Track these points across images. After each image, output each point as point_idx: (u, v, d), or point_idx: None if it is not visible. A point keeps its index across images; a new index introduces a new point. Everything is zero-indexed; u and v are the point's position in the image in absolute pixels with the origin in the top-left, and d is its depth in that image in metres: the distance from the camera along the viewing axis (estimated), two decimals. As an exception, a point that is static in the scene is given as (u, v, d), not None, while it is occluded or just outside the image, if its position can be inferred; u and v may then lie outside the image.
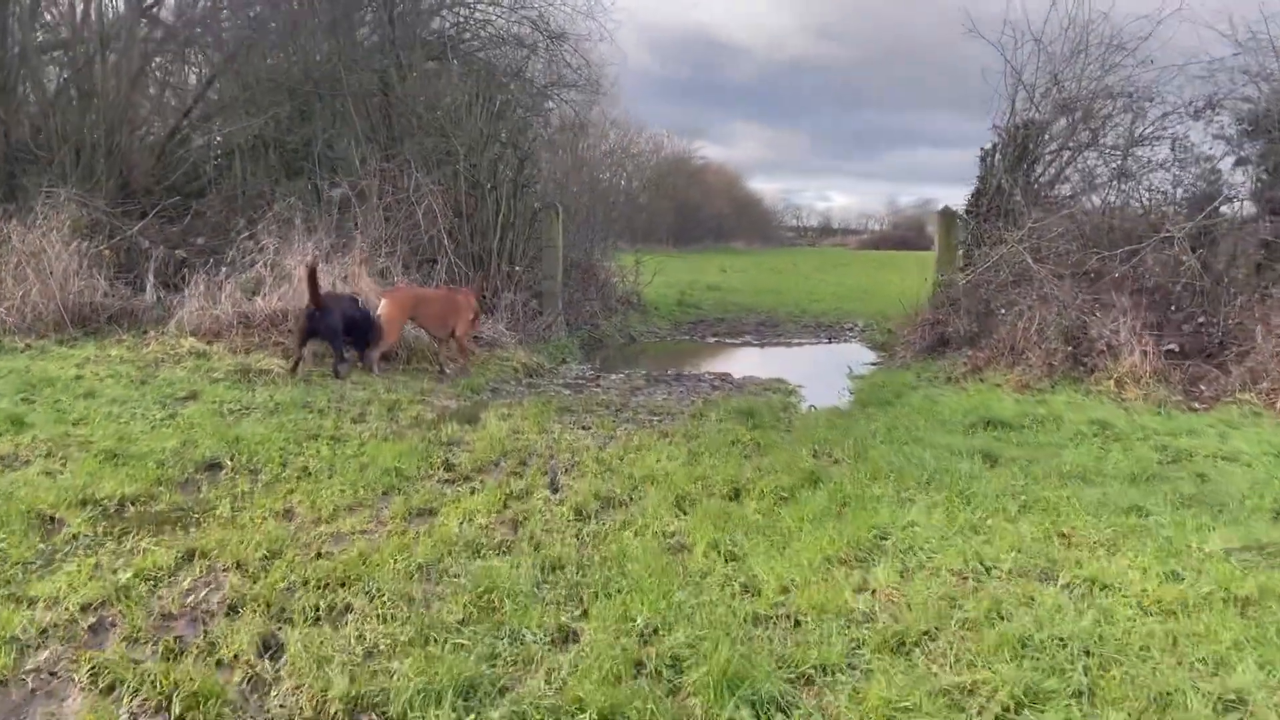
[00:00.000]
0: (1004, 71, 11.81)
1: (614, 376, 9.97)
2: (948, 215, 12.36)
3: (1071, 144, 11.60)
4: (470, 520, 4.60)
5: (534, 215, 12.59)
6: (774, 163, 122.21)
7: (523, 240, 12.27)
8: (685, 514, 4.76)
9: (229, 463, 5.44)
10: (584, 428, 7.04)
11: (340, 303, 8.51)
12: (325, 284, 9.39)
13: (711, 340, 14.68)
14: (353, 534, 4.42)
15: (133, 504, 4.72)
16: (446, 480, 5.39)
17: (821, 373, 10.94)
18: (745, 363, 11.77)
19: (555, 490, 5.30)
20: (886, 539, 4.37)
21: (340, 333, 8.36)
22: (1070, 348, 8.89)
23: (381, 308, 8.68)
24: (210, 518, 4.56)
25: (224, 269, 9.53)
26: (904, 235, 69.61)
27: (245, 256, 9.91)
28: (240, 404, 6.97)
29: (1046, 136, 11.76)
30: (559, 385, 9.32)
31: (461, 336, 9.26)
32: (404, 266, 10.72)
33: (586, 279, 14.59)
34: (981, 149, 11.95)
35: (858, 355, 13.08)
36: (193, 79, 12.73)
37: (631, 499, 5.05)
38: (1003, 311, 9.57)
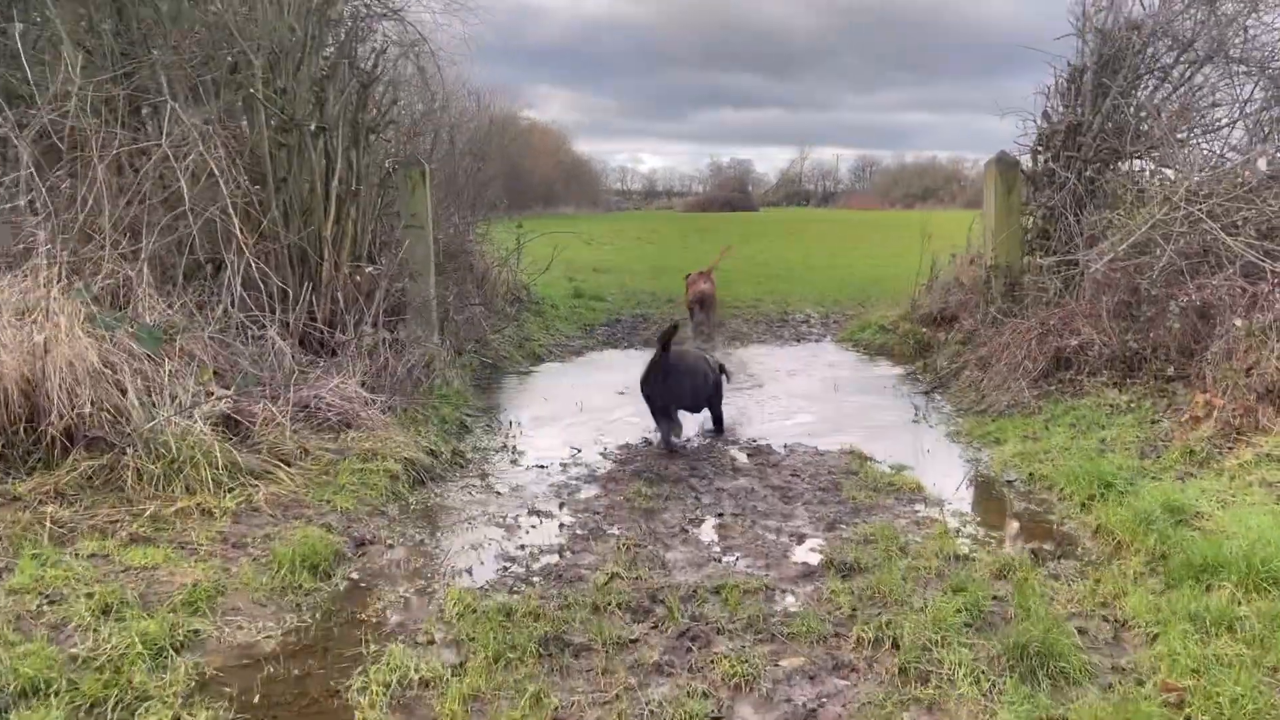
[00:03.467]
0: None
1: (564, 462, 5.48)
2: (1008, 166, 8.40)
3: (1192, 53, 7.84)
4: None
5: (386, 178, 7.78)
6: (583, 126, 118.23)
7: (372, 220, 7.46)
8: None
9: None
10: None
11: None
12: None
13: (643, 351, 10.29)
14: None
15: None
16: None
17: (871, 415, 6.95)
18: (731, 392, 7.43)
19: None
20: None
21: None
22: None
23: None
24: None
25: None
26: (729, 196, 68.27)
27: None
28: None
29: (1150, 50, 7.96)
30: (483, 507, 4.76)
31: None
32: (161, 277, 5.79)
33: (462, 273, 9.86)
34: (1069, 64, 8.03)
35: (866, 369, 9.15)
36: None
37: None
38: (1236, 324, 5.65)
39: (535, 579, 3.81)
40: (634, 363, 9.48)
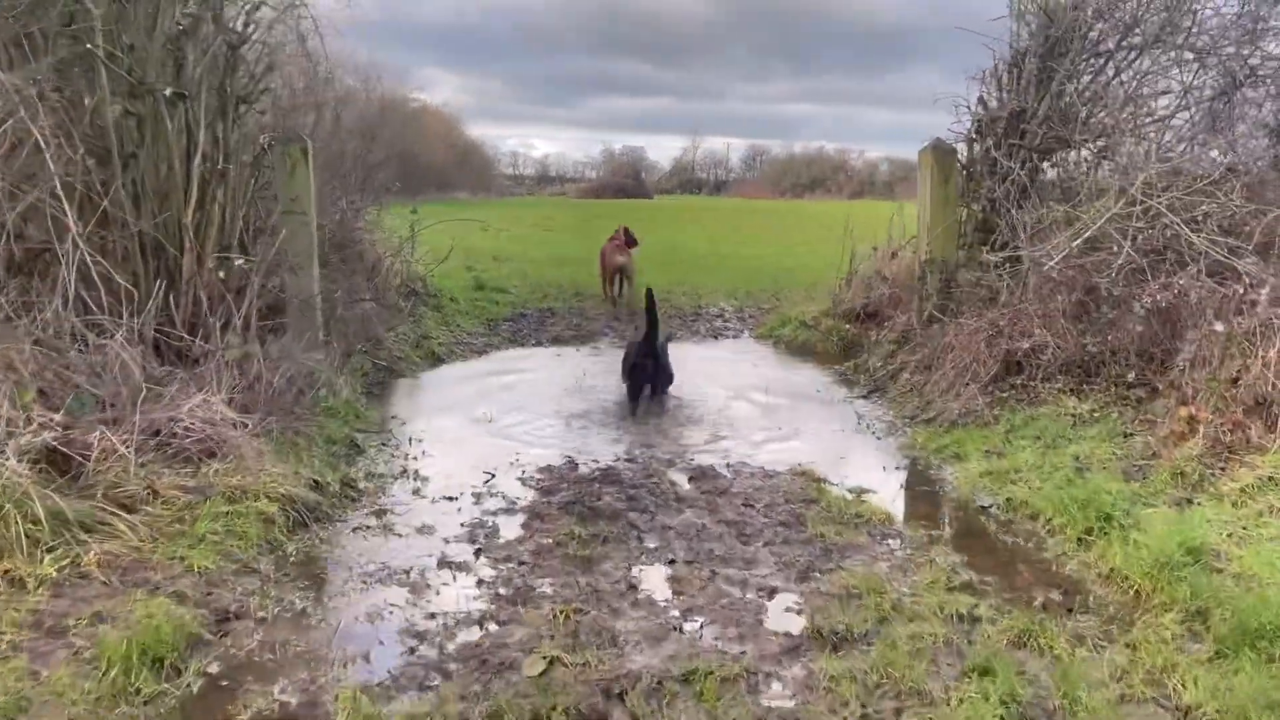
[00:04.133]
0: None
1: (476, 492, 4.66)
2: (944, 154, 7.89)
3: (1137, 37, 7.44)
4: None
5: (260, 156, 6.76)
6: (471, 110, 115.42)
7: (244, 204, 6.44)
8: None
9: None
10: None
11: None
12: None
13: (552, 349, 9.51)
14: None
15: None
16: None
17: (811, 424, 6.44)
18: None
19: None
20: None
21: None
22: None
23: None
24: None
25: None
26: (621, 183, 67.98)
27: None
28: None
29: (1094, 33, 7.55)
30: (382, 557, 3.90)
31: None
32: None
33: (351, 264, 8.85)
34: (1010, 47, 7.56)
35: (792, 369, 8.62)
36: None
37: None
38: (1217, 328, 5.20)
39: (452, 665, 3.00)
40: (544, 362, 8.70)
